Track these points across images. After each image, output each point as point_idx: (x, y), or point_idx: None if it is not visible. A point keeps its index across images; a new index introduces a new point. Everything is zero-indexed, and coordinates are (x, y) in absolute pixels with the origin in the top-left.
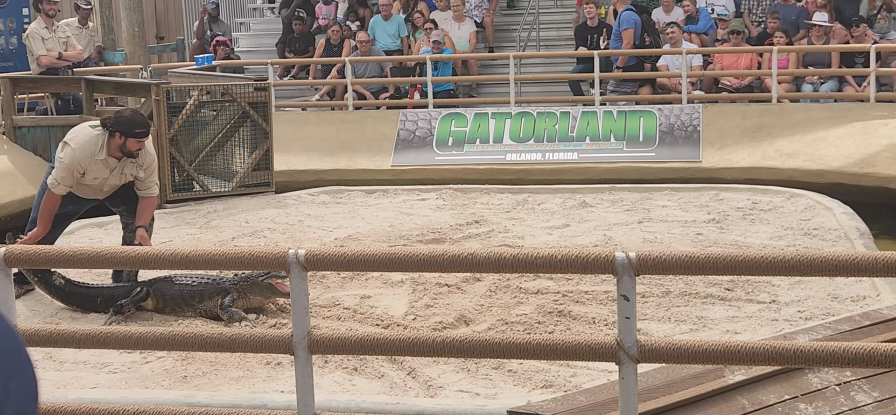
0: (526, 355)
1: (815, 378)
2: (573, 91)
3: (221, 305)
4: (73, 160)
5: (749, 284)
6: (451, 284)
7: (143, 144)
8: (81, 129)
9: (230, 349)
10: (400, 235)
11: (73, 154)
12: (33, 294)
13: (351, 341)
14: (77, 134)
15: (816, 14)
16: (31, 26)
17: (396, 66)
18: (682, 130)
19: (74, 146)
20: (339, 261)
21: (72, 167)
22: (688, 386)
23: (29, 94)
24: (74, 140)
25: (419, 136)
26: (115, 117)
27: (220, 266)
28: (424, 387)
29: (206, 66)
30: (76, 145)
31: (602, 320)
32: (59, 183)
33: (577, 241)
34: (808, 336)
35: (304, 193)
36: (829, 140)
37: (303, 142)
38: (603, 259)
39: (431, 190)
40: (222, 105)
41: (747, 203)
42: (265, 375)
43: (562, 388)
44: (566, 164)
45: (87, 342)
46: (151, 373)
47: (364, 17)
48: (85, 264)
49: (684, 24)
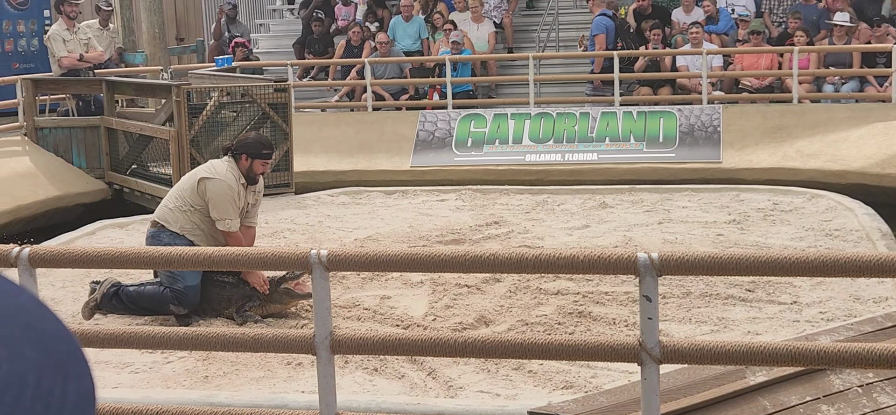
0: (547, 355)
1: (838, 380)
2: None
3: (238, 310)
4: (228, 188)
5: (770, 285)
6: (470, 284)
7: (267, 166)
8: (210, 164)
9: (252, 349)
10: (419, 235)
11: (224, 184)
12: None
13: (372, 341)
14: (212, 167)
15: (837, 14)
16: (52, 28)
17: (416, 67)
18: (703, 130)
19: (220, 177)
20: (360, 261)
21: (231, 196)
22: (709, 387)
23: (50, 96)
24: (213, 172)
25: (438, 136)
26: (240, 142)
27: (243, 266)
28: (444, 387)
29: (226, 67)
30: (221, 175)
31: (622, 320)
32: (231, 219)
33: (597, 242)
34: (830, 337)
35: (324, 194)
36: (851, 140)
37: (322, 143)
38: (625, 260)
39: (451, 191)
40: (242, 106)
41: (768, 204)
42: (286, 375)
43: (582, 389)
44: (586, 164)
45: (110, 342)
46: (173, 373)
47: (383, 18)
48: (108, 265)
49: (704, 23)
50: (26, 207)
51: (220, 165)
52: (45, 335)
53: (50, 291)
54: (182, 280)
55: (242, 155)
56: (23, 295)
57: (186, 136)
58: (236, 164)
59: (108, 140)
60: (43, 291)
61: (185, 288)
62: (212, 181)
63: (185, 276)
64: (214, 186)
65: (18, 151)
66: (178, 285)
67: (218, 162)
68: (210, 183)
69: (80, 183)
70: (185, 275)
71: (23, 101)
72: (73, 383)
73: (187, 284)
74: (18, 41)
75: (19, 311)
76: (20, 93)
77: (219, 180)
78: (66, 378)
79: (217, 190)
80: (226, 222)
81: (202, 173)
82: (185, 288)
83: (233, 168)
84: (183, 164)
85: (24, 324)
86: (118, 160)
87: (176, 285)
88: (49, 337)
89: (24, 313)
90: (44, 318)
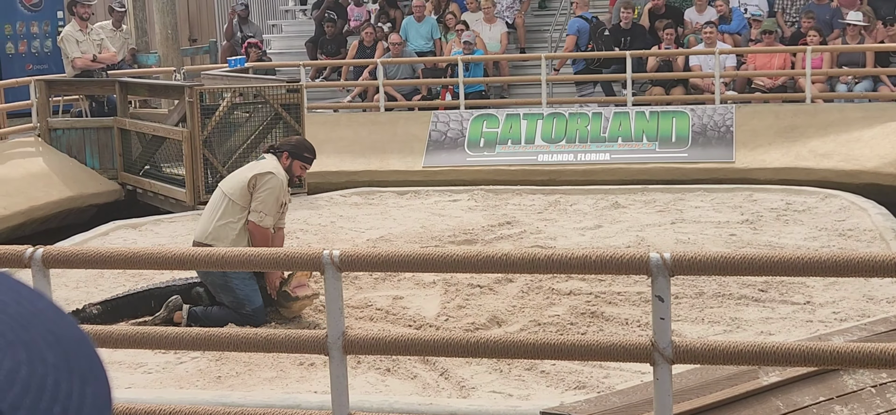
0: (559, 355)
1: (851, 380)
2: (605, 92)
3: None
4: (281, 184)
5: (783, 285)
6: (483, 285)
7: (305, 170)
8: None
9: (265, 350)
10: (432, 236)
11: (278, 179)
12: (61, 296)
13: (384, 341)
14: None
15: (850, 14)
16: (65, 29)
17: (428, 68)
18: (715, 130)
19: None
20: (372, 262)
21: (278, 193)
22: (722, 387)
23: (63, 97)
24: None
25: (451, 137)
26: (285, 141)
27: (256, 267)
28: (457, 388)
29: (239, 68)
30: (276, 171)
31: (635, 321)
32: (269, 215)
33: (609, 242)
34: (844, 338)
35: (337, 195)
36: (864, 140)
37: (335, 143)
38: (637, 260)
39: (463, 191)
40: (255, 107)
41: (781, 204)
42: (298, 375)
43: (595, 389)
44: (598, 165)
45: (123, 342)
46: (186, 373)
47: (395, 18)
48: (121, 265)
49: (717, 23)
50: (40, 208)
51: (270, 162)
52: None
53: (63, 292)
54: (250, 304)
55: (284, 153)
56: (42, 301)
57: (199, 136)
58: (280, 161)
59: (121, 141)
60: (56, 292)
61: (254, 311)
62: (268, 176)
63: (251, 298)
64: (270, 181)
65: (32, 151)
66: (245, 310)
67: (264, 160)
68: (266, 178)
69: (94, 184)
70: (251, 298)
71: (36, 102)
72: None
73: (255, 306)
74: (32, 43)
75: (39, 316)
76: (34, 94)
77: (274, 176)
78: (84, 381)
79: (270, 185)
80: (262, 216)
81: (257, 170)
82: (253, 311)
83: (280, 166)
84: (195, 164)
85: (44, 329)
86: (131, 161)
87: (243, 310)
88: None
89: (44, 319)
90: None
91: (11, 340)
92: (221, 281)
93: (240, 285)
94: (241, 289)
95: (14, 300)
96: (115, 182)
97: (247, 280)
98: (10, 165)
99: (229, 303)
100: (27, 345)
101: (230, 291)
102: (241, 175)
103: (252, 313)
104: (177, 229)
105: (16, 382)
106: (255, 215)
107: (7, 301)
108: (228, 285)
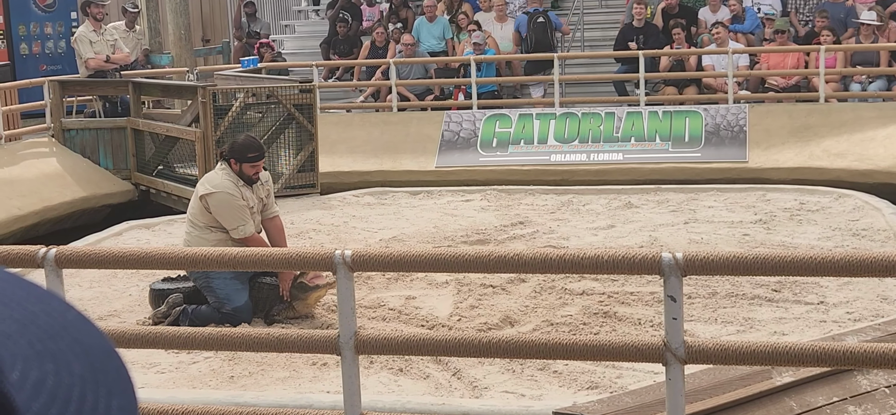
0: (572, 355)
1: (865, 380)
2: (618, 92)
3: (266, 314)
4: (229, 197)
5: (797, 285)
6: (495, 285)
7: (258, 168)
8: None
9: (277, 349)
10: (444, 236)
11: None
12: (75, 296)
13: (397, 341)
14: (209, 180)
15: (864, 12)
16: (79, 30)
17: (441, 68)
18: (729, 130)
19: (217, 188)
20: (384, 261)
21: (234, 202)
22: (735, 388)
23: (77, 97)
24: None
25: (463, 137)
26: (229, 145)
27: (268, 267)
28: (469, 388)
29: (252, 68)
30: (218, 187)
31: (648, 321)
32: (243, 224)
33: (622, 242)
34: (857, 338)
35: (349, 195)
36: (878, 140)
37: (347, 143)
38: (650, 260)
39: (476, 191)
40: (268, 107)
41: (794, 204)
42: (311, 375)
43: (607, 389)
44: (611, 164)
45: (136, 342)
46: (199, 373)
47: (406, 18)
48: (135, 266)
49: (730, 23)
50: (53, 208)
51: (215, 176)
52: (91, 351)
53: (77, 292)
54: (229, 303)
55: (231, 159)
56: (71, 312)
57: (212, 137)
58: (230, 167)
59: (134, 141)
60: (70, 292)
61: (235, 310)
62: (211, 196)
63: (231, 298)
64: (215, 199)
65: (46, 152)
66: (225, 309)
67: (212, 173)
68: (210, 199)
69: (107, 184)
70: (231, 297)
71: (50, 102)
72: (116, 398)
73: (235, 306)
74: (46, 43)
75: (68, 327)
76: (47, 95)
77: (217, 193)
78: (110, 393)
79: (219, 202)
80: (238, 230)
81: (200, 191)
82: (234, 310)
83: (228, 174)
84: (208, 165)
85: (72, 340)
86: (144, 161)
87: (223, 309)
88: (95, 353)
89: (72, 330)
90: (91, 335)
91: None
92: (204, 281)
93: (220, 285)
94: (221, 289)
95: (43, 311)
96: (128, 182)
97: (228, 280)
98: (24, 166)
99: (212, 302)
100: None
101: (211, 290)
102: (195, 193)
103: (232, 312)
104: None
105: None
106: (234, 234)
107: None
108: (210, 285)
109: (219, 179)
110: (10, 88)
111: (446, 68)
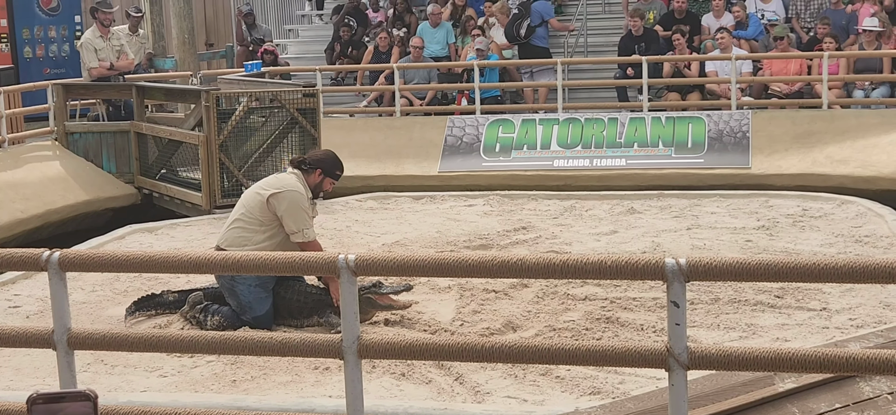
0: (574, 361)
1: (867, 387)
2: (619, 98)
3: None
4: (301, 198)
5: (799, 291)
6: (498, 290)
7: (333, 186)
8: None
9: (280, 353)
10: (447, 241)
11: (296, 194)
12: (78, 299)
13: (399, 346)
14: (280, 180)
15: (867, 19)
16: (85, 35)
17: (444, 73)
18: (732, 136)
19: (290, 188)
20: (388, 266)
21: (304, 206)
22: (737, 394)
23: (81, 101)
24: (281, 186)
25: (466, 142)
26: (315, 157)
27: (273, 271)
28: (472, 393)
29: (256, 72)
30: (291, 187)
31: (650, 326)
32: (309, 228)
33: (625, 247)
34: (860, 344)
35: (352, 199)
36: (881, 146)
37: (351, 148)
38: (653, 265)
39: (479, 196)
40: (271, 111)
41: (797, 210)
42: (313, 379)
43: (610, 395)
44: (614, 170)
45: (139, 346)
46: (201, 377)
47: (410, 23)
48: (137, 269)
49: (734, 29)
50: (57, 212)
51: (287, 178)
52: None
53: (80, 296)
54: (251, 311)
55: (317, 170)
56: None
57: (216, 141)
58: (306, 177)
59: (137, 145)
60: (72, 296)
61: (255, 319)
62: (283, 194)
63: (253, 306)
64: (286, 198)
65: (49, 155)
66: (246, 316)
67: (282, 176)
68: (281, 197)
69: (110, 187)
70: (253, 305)
71: (54, 106)
72: None
73: (256, 314)
74: (50, 47)
75: None
76: (51, 98)
77: (291, 192)
78: None
79: (291, 202)
80: (305, 232)
81: (270, 190)
82: (254, 319)
83: (301, 180)
84: (212, 168)
85: None
86: (148, 165)
87: (244, 315)
88: None
89: None
90: None
91: None
92: (229, 285)
93: (245, 291)
94: (244, 295)
95: None
96: (131, 186)
97: (253, 288)
98: (28, 169)
99: (235, 306)
100: None
101: (235, 295)
102: (256, 193)
103: (251, 321)
104: (193, 233)
105: None
106: (298, 236)
107: None
108: (234, 290)
109: (292, 181)
110: (14, 92)
111: (450, 73)
